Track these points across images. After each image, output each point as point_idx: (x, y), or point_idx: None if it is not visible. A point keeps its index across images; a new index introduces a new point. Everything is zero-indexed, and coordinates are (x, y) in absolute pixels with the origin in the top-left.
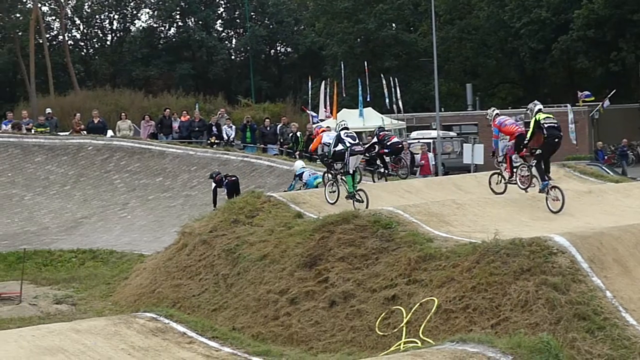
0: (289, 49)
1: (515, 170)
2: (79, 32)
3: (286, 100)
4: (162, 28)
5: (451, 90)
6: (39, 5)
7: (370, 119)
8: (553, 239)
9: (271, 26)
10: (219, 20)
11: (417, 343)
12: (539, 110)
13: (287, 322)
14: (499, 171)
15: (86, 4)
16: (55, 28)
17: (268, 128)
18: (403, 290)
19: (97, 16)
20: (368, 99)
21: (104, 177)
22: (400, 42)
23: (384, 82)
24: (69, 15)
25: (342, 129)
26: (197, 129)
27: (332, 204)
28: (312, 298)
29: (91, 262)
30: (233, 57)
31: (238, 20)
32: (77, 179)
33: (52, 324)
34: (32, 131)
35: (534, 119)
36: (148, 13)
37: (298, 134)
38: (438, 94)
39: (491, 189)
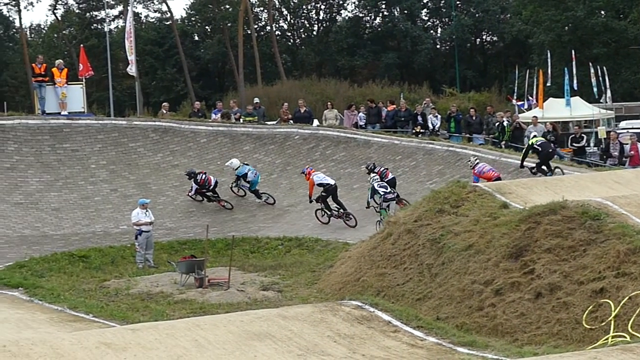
0: (494, 38)
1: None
2: (286, 22)
3: (491, 90)
4: (368, 18)
5: None
6: None
7: (577, 109)
8: None
9: (477, 15)
10: (424, 10)
11: (625, 337)
12: (534, 136)
13: (491, 313)
14: None
15: None
16: (263, 19)
17: (474, 117)
18: (611, 283)
19: (304, 6)
20: (575, 88)
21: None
22: (609, 30)
23: (591, 70)
24: (277, 6)
25: (375, 182)
26: (402, 118)
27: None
28: (518, 289)
29: (297, 250)
30: (438, 46)
31: (443, 9)
32: (284, 168)
33: (260, 309)
34: (241, 120)
35: (528, 143)
36: (354, 3)
37: (504, 123)
38: None
39: None
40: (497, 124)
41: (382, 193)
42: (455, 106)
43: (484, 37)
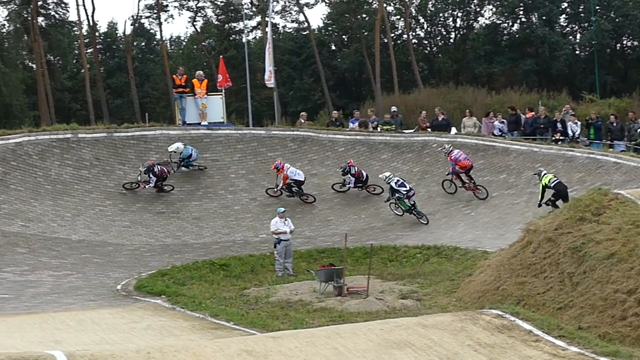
0: (635, 43)
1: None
2: (423, 30)
3: (633, 96)
4: (505, 24)
5: None
6: (384, 5)
7: None
8: None
9: (617, 20)
10: (563, 15)
11: None
12: (545, 174)
13: (635, 323)
14: (449, 179)
15: (430, 2)
16: (399, 27)
17: (614, 124)
18: None
19: (440, 14)
20: None
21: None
22: None
23: None
24: (413, 14)
25: (392, 181)
26: (541, 125)
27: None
28: None
29: (435, 258)
30: (577, 52)
31: (582, 15)
32: (422, 176)
33: (399, 318)
34: (378, 129)
35: (542, 182)
36: (491, 10)
37: None
38: None
39: (444, 189)
40: (639, 130)
41: (404, 192)
42: (595, 113)
43: (625, 41)
